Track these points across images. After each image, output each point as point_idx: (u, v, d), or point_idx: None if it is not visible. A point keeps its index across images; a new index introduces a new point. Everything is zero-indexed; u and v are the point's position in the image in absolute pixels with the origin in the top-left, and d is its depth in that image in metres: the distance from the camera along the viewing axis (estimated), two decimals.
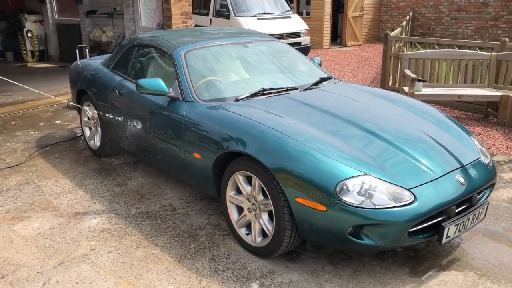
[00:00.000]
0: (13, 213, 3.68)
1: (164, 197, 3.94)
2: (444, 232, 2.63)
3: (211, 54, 3.91)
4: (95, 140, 4.84)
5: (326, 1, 13.33)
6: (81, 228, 3.43)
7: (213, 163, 3.13)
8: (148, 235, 3.32)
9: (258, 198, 2.91)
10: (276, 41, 4.49)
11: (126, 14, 9.31)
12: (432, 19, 14.45)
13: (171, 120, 3.51)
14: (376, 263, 2.95)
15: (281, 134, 2.83)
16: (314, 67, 4.29)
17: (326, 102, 3.47)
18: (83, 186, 4.18)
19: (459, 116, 6.31)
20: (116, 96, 4.22)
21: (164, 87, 3.48)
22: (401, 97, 3.87)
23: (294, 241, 2.81)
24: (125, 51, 4.52)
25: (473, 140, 3.22)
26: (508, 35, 12.60)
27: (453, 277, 2.79)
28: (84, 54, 7.61)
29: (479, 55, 6.23)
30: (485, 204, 2.91)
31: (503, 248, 3.11)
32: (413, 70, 6.38)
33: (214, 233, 3.34)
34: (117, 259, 3.03)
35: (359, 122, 3.12)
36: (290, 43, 8.00)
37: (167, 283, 2.78)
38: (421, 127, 3.20)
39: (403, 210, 2.51)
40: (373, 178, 2.58)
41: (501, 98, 5.73)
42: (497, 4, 13.20)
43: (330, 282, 2.77)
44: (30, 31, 11.09)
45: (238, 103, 3.39)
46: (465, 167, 2.87)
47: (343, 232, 2.54)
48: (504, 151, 4.95)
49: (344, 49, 13.61)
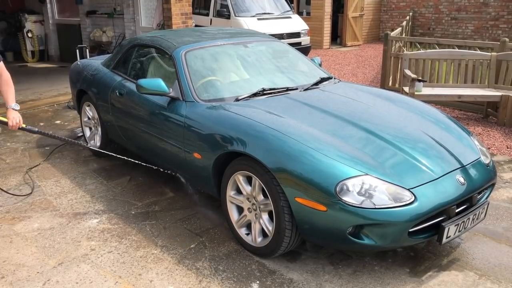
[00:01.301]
0: (13, 213, 3.68)
1: (164, 197, 3.95)
2: (444, 232, 2.63)
3: (211, 54, 3.91)
4: (95, 140, 4.84)
5: (326, 1, 13.33)
6: (81, 228, 3.43)
7: (213, 163, 3.13)
8: (148, 235, 3.32)
9: (258, 198, 2.91)
10: (276, 41, 4.49)
11: (126, 14, 9.31)
12: (432, 19, 14.45)
13: (171, 120, 3.51)
14: (376, 263, 2.95)
15: (281, 134, 2.83)
16: (314, 67, 4.29)
17: (326, 102, 3.47)
18: (83, 186, 4.18)
19: (459, 116, 6.31)
20: (116, 96, 4.22)
21: (164, 87, 3.48)
22: (401, 97, 3.87)
23: (294, 241, 2.81)
24: (125, 51, 4.52)
25: (473, 140, 3.22)
26: (508, 35, 12.60)
27: (453, 277, 2.79)
28: (84, 54, 7.61)
29: (479, 55, 6.23)
30: (485, 204, 2.91)
31: (503, 248, 3.11)
32: (413, 70, 6.38)
33: (214, 233, 3.34)
34: (117, 259, 3.03)
35: (359, 122, 3.12)
36: (290, 43, 8.00)
37: (167, 283, 2.78)
38: (421, 127, 3.20)
39: (403, 210, 2.51)
40: (373, 178, 2.58)
41: (501, 98, 5.73)
42: (497, 4, 13.20)
43: (330, 282, 2.77)
44: (30, 31, 11.09)
45: (238, 103, 3.39)
46: (465, 167, 2.87)
47: (343, 232, 2.54)
48: (504, 151, 4.95)
49: (344, 49, 13.61)
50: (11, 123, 3.15)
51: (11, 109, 3.18)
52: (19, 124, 3.19)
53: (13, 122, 3.16)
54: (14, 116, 3.17)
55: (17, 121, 3.17)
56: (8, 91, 3.20)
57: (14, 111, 3.18)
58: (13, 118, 3.16)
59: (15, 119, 3.17)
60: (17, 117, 3.18)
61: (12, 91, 3.22)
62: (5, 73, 3.19)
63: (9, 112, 3.18)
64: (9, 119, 3.16)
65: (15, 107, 3.19)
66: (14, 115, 3.17)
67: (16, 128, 3.19)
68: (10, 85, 3.22)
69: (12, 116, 3.16)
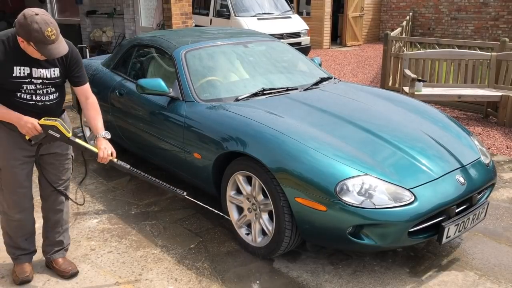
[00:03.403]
0: None
1: (164, 197, 3.94)
2: (444, 232, 2.63)
3: (211, 54, 3.91)
4: (95, 141, 4.84)
5: (326, 1, 13.33)
6: (81, 228, 3.43)
7: (213, 163, 3.13)
8: (148, 235, 3.32)
9: (258, 198, 2.91)
10: (276, 41, 4.49)
11: (126, 14, 9.31)
12: (432, 19, 14.45)
13: (171, 120, 3.51)
14: (376, 263, 2.95)
15: (281, 134, 2.83)
16: (314, 67, 4.29)
17: (326, 102, 3.47)
18: (83, 186, 4.18)
19: (459, 116, 6.31)
20: (116, 96, 4.22)
21: (164, 87, 3.48)
22: (401, 97, 3.87)
23: (294, 241, 2.81)
24: (125, 51, 4.52)
25: (473, 140, 3.22)
26: (508, 35, 12.60)
27: (453, 277, 2.79)
28: (84, 54, 7.61)
29: (479, 55, 6.23)
30: (485, 204, 2.91)
31: (503, 248, 3.11)
32: (413, 70, 6.38)
33: (214, 233, 3.34)
34: (117, 259, 3.03)
35: (359, 122, 3.12)
36: (290, 43, 8.00)
37: (167, 283, 2.78)
38: (421, 127, 3.20)
39: (403, 210, 2.51)
40: (373, 178, 2.58)
41: (501, 98, 5.73)
42: (497, 4, 13.19)
43: (330, 282, 2.77)
44: None
45: (238, 103, 3.39)
46: (465, 167, 2.87)
47: (343, 232, 2.54)
48: (504, 151, 4.95)
49: (344, 49, 13.61)
50: (102, 155, 2.59)
51: (102, 137, 2.66)
52: (110, 157, 2.62)
53: (104, 153, 2.59)
54: (105, 147, 2.61)
55: (109, 153, 2.61)
56: (96, 117, 2.72)
57: (105, 140, 2.66)
58: (104, 149, 2.60)
59: (107, 150, 2.60)
60: (109, 149, 2.63)
61: (100, 117, 2.75)
62: (92, 97, 2.77)
63: (100, 141, 2.64)
64: (100, 149, 2.60)
65: (106, 135, 2.68)
66: (106, 146, 2.62)
67: (107, 161, 2.62)
68: (98, 110, 2.75)
69: (103, 146, 2.61)
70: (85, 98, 2.75)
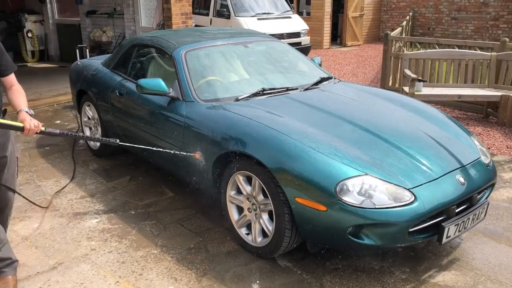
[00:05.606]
0: (13, 213, 3.67)
1: (164, 197, 3.95)
2: (444, 232, 2.63)
3: (211, 54, 3.91)
4: None
5: (326, 1, 13.33)
6: (81, 228, 3.43)
7: (213, 163, 3.13)
8: (148, 235, 3.32)
9: (258, 198, 2.91)
10: (276, 41, 4.49)
11: (126, 14, 9.31)
12: (432, 19, 14.45)
13: (171, 120, 3.51)
14: (376, 263, 2.95)
15: (281, 134, 2.83)
16: (314, 67, 4.29)
17: (326, 102, 3.47)
18: (83, 186, 4.18)
19: (459, 116, 6.31)
20: (116, 96, 4.22)
21: (164, 87, 3.47)
22: (401, 97, 3.87)
23: (294, 241, 2.81)
24: (125, 51, 4.52)
25: (473, 140, 3.22)
26: (508, 35, 12.59)
27: (453, 277, 2.79)
28: (84, 54, 7.60)
29: (479, 55, 6.23)
30: (485, 204, 2.91)
31: (503, 248, 3.11)
32: (413, 70, 6.38)
33: (214, 233, 3.34)
34: (117, 259, 3.03)
35: (359, 122, 3.12)
36: (290, 43, 7.99)
37: (167, 283, 2.78)
38: (421, 127, 3.20)
39: (403, 210, 2.51)
40: (373, 178, 2.58)
41: (501, 98, 5.73)
42: (497, 4, 13.19)
43: (330, 282, 2.77)
44: (30, 31, 11.08)
45: (238, 103, 3.39)
46: (465, 167, 2.87)
47: (343, 232, 2.54)
48: (504, 151, 4.95)
49: (344, 49, 13.61)
50: (28, 126, 2.47)
51: (24, 111, 2.54)
52: (37, 127, 2.51)
53: (31, 125, 2.48)
54: (30, 119, 2.51)
55: (35, 124, 2.49)
56: (20, 97, 2.63)
57: (27, 114, 2.55)
58: (30, 121, 2.49)
59: (32, 121, 2.50)
60: (34, 121, 2.52)
61: (25, 98, 2.65)
62: (17, 84, 2.70)
63: (23, 114, 2.52)
64: (25, 121, 2.48)
65: (29, 111, 2.57)
66: (30, 118, 2.53)
67: (34, 132, 2.51)
68: (23, 93, 2.67)
69: (28, 118, 2.51)
70: (11, 86, 2.69)
